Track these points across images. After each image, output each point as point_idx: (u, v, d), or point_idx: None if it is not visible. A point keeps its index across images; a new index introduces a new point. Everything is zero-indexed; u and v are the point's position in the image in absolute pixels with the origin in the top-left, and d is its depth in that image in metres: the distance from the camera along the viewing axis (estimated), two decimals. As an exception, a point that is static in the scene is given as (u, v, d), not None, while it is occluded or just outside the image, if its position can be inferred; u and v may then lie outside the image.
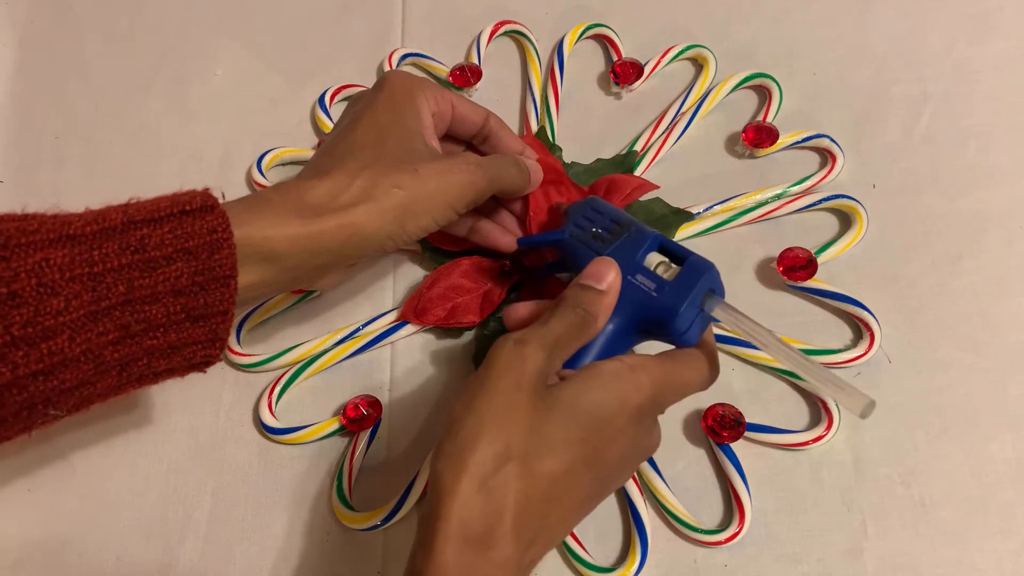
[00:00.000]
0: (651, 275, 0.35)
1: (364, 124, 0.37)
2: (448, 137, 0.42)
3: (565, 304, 0.34)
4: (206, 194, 0.32)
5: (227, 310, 0.32)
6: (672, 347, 0.36)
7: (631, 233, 0.37)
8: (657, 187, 0.46)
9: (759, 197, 0.47)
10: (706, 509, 0.40)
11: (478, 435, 0.29)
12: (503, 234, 0.43)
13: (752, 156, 0.49)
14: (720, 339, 0.43)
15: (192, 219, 0.31)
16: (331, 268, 0.36)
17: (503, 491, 0.28)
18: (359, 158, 0.35)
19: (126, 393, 0.32)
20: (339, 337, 0.45)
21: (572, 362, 0.34)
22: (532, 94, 0.52)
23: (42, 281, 0.28)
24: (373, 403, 0.43)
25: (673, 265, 0.36)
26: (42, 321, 0.28)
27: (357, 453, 0.43)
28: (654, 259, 0.36)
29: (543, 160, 0.44)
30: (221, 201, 0.32)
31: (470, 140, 0.43)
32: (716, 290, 0.36)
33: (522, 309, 0.36)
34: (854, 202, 0.45)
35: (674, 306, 0.34)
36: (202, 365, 0.34)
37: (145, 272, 0.30)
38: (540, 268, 0.44)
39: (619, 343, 0.35)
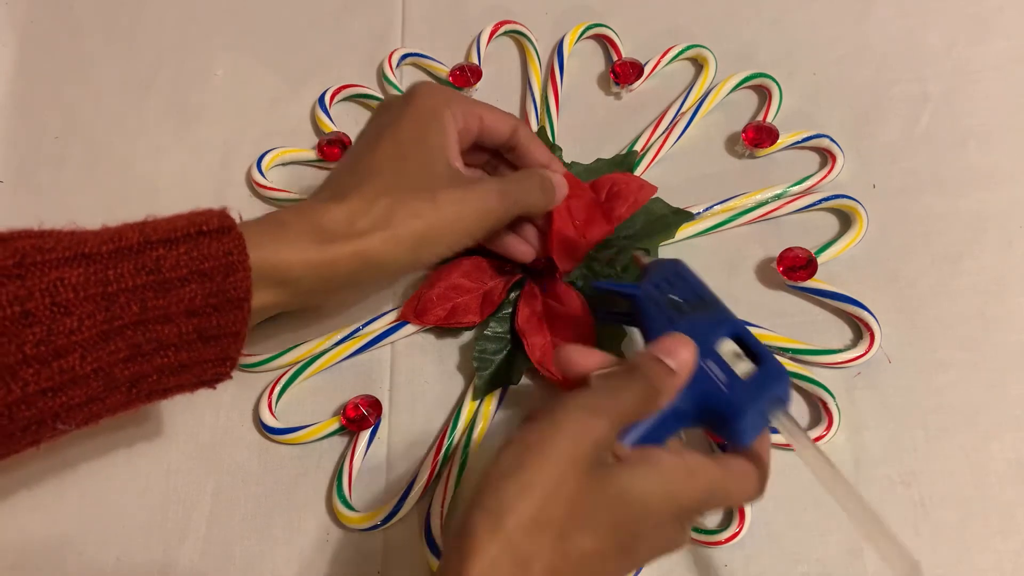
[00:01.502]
0: (724, 366, 0.33)
1: (386, 142, 0.37)
2: (475, 146, 0.42)
3: (636, 375, 0.32)
4: (223, 215, 0.32)
5: (239, 331, 0.32)
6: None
7: (711, 312, 0.35)
8: (655, 188, 0.46)
9: (759, 197, 0.47)
10: (706, 509, 0.40)
11: (522, 498, 0.27)
12: (520, 243, 0.43)
13: (752, 156, 0.49)
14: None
15: (208, 240, 0.31)
16: (344, 292, 0.36)
17: (532, 561, 0.27)
18: (378, 182, 0.35)
19: (135, 408, 0.32)
20: (339, 337, 0.45)
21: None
22: (532, 94, 0.52)
23: (56, 300, 0.28)
24: (373, 403, 0.43)
25: (746, 358, 0.34)
26: (55, 340, 0.28)
27: (357, 453, 0.43)
28: (727, 347, 0.34)
29: (568, 176, 0.43)
30: (238, 221, 0.32)
31: (497, 149, 0.43)
32: (784, 398, 0.34)
33: (582, 356, 0.34)
34: (854, 202, 0.45)
35: (742, 411, 0.32)
36: (212, 382, 0.34)
37: (159, 293, 0.30)
38: (603, 312, 0.42)
39: (672, 424, 0.33)
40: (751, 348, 0.34)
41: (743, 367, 0.33)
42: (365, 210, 0.34)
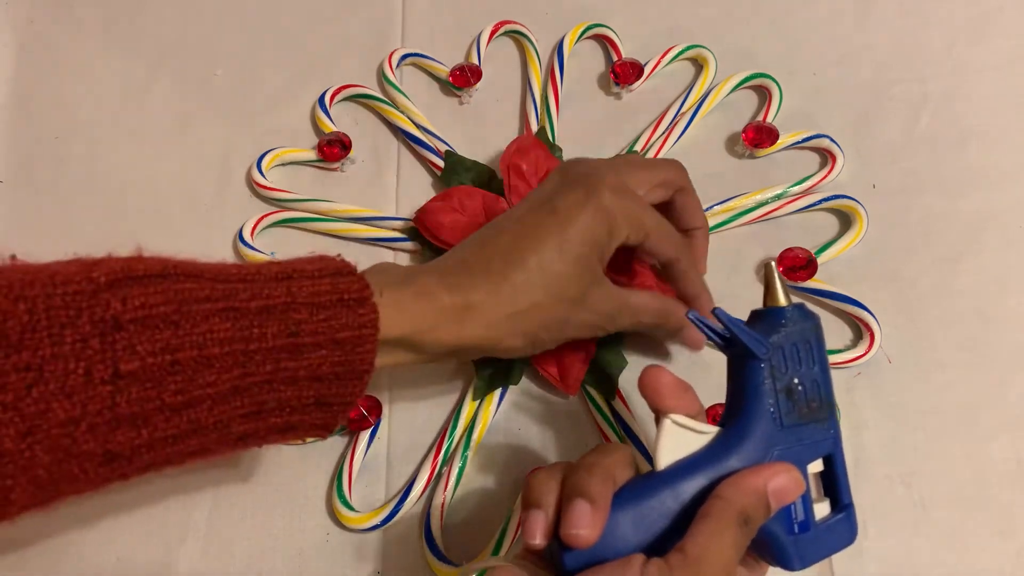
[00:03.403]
0: (806, 500, 0.30)
1: (552, 234, 0.34)
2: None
3: (745, 527, 0.28)
4: (363, 283, 0.32)
5: (351, 402, 0.32)
6: None
7: (820, 424, 0.31)
8: None
9: (759, 197, 0.47)
10: (706, 509, 0.40)
11: None
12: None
13: (752, 156, 0.49)
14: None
15: (347, 310, 0.31)
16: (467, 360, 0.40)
17: None
18: (527, 286, 0.34)
19: (228, 456, 0.33)
20: (339, 337, 0.45)
21: (667, 543, 0.28)
22: (532, 94, 0.52)
23: (203, 353, 0.28)
24: (373, 403, 0.43)
25: (824, 492, 0.32)
26: (192, 391, 0.28)
27: (357, 453, 0.43)
28: (813, 468, 0.31)
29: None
30: (374, 288, 0.32)
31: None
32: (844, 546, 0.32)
33: (672, 392, 0.31)
34: (854, 202, 0.45)
35: (799, 563, 0.30)
36: (319, 437, 0.34)
37: (293, 355, 0.30)
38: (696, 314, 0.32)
39: None
40: (836, 483, 0.31)
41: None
42: (507, 307, 0.34)
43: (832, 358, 0.42)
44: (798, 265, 0.43)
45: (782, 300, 0.31)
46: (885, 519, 0.39)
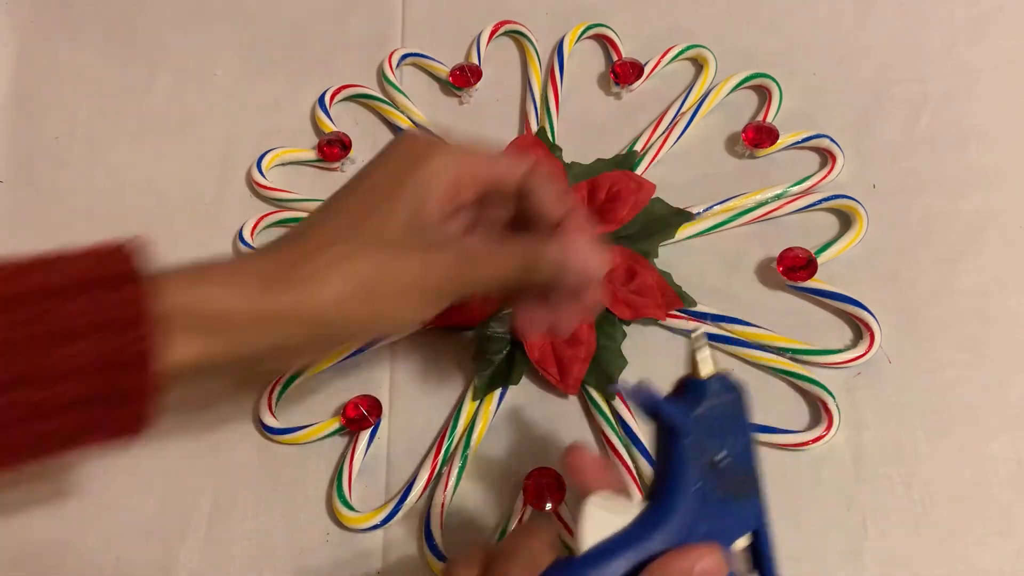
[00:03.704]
0: None
1: (359, 190, 0.33)
2: (492, 198, 0.35)
3: None
4: (128, 259, 0.28)
5: (147, 392, 0.28)
6: None
7: (747, 500, 0.30)
8: (653, 186, 0.46)
9: (759, 197, 0.47)
10: (706, 509, 0.40)
11: None
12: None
13: (752, 156, 0.49)
14: (717, 338, 0.43)
15: (109, 290, 0.27)
16: (302, 351, 0.33)
17: None
18: (333, 229, 0.31)
19: (39, 463, 0.29)
20: (339, 337, 0.45)
21: None
22: (532, 94, 0.52)
23: None
24: (373, 403, 0.43)
25: (752, 565, 0.30)
26: None
27: (357, 453, 0.43)
28: (741, 543, 0.30)
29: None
30: (164, 261, 0.29)
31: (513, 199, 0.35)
32: None
33: (591, 470, 0.30)
34: (854, 202, 0.45)
35: None
36: (126, 442, 0.30)
37: (44, 349, 0.26)
38: (641, 397, 0.29)
39: None
40: (762, 558, 0.30)
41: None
42: (310, 256, 0.30)
43: (832, 358, 0.42)
44: (798, 265, 0.43)
45: (703, 372, 0.30)
46: (885, 519, 0.39)
